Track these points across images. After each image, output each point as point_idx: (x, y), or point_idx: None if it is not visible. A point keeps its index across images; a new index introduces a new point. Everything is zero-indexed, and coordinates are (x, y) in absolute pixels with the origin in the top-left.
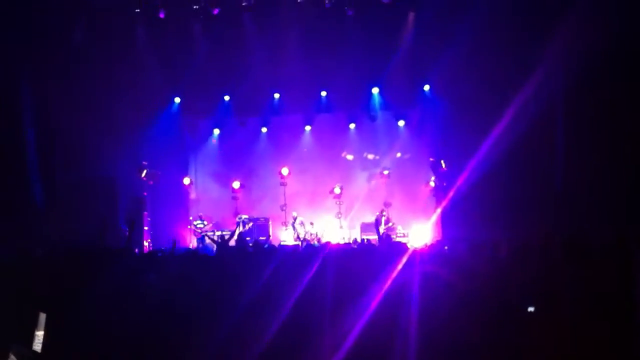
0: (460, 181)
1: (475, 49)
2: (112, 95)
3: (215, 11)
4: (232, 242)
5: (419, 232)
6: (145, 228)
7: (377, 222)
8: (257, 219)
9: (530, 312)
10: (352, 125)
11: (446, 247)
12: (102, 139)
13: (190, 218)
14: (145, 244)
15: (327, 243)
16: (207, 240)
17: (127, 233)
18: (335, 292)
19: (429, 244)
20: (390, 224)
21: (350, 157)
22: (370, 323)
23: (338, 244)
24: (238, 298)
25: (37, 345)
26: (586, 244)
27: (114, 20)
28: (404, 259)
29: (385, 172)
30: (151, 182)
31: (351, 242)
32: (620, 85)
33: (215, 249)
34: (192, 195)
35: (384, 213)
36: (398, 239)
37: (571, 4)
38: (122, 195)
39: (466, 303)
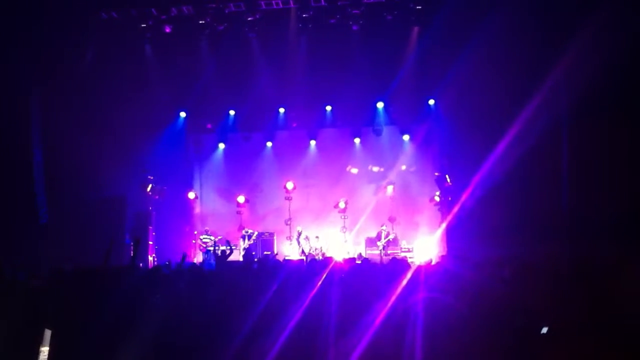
0: (465, 196)
1: (480, 64)
2: (119, 111)
3: (221, 27)
4: (236, 258)
5: (424, 246)
6: (150, 243)
7: (378, 237)
8: (262, 233)
9: (539, 333)
10: (357, 140)
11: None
12: (108, 155)
13: (195, 232)
14: (150, 258)
15: (330, 259)
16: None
17: (132, 250)
18: (340, 309)
19: (433, 259)
20: (390, 238)
21: (354, 170)
22: (374, 341)
23: (342, 260)
24: (242, 316)
25: None
26: (595, 265)
27: (121, 36)
28: (408, 276)
29: (389, 188)
30: (156, 197)
31: (356, 257)
32: (626, 103)
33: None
34: (197, 210)
35: (383, 228)
36: (402, 254)
37: (578, 21)
38: (128, 211)
39: (470, 322)
